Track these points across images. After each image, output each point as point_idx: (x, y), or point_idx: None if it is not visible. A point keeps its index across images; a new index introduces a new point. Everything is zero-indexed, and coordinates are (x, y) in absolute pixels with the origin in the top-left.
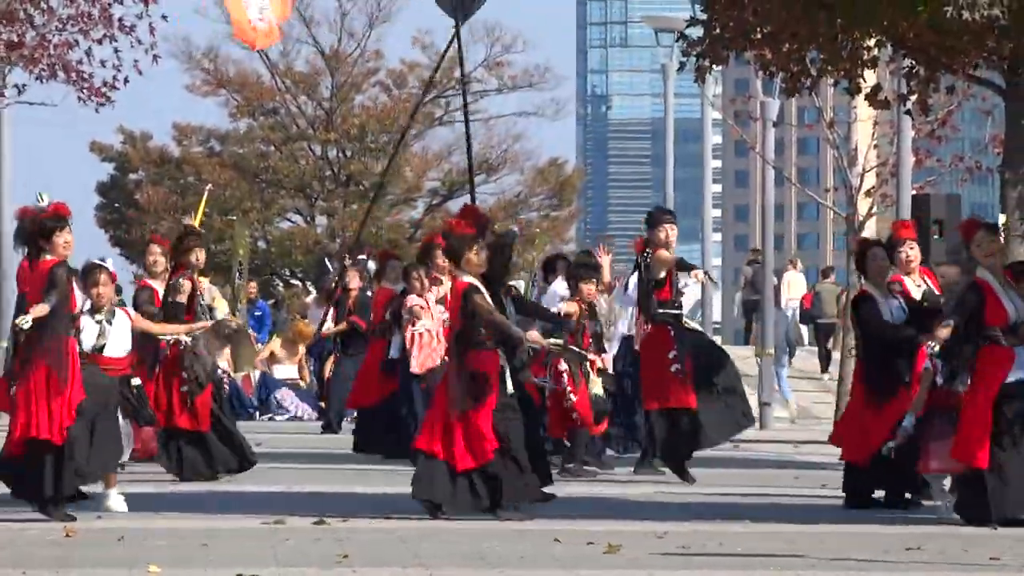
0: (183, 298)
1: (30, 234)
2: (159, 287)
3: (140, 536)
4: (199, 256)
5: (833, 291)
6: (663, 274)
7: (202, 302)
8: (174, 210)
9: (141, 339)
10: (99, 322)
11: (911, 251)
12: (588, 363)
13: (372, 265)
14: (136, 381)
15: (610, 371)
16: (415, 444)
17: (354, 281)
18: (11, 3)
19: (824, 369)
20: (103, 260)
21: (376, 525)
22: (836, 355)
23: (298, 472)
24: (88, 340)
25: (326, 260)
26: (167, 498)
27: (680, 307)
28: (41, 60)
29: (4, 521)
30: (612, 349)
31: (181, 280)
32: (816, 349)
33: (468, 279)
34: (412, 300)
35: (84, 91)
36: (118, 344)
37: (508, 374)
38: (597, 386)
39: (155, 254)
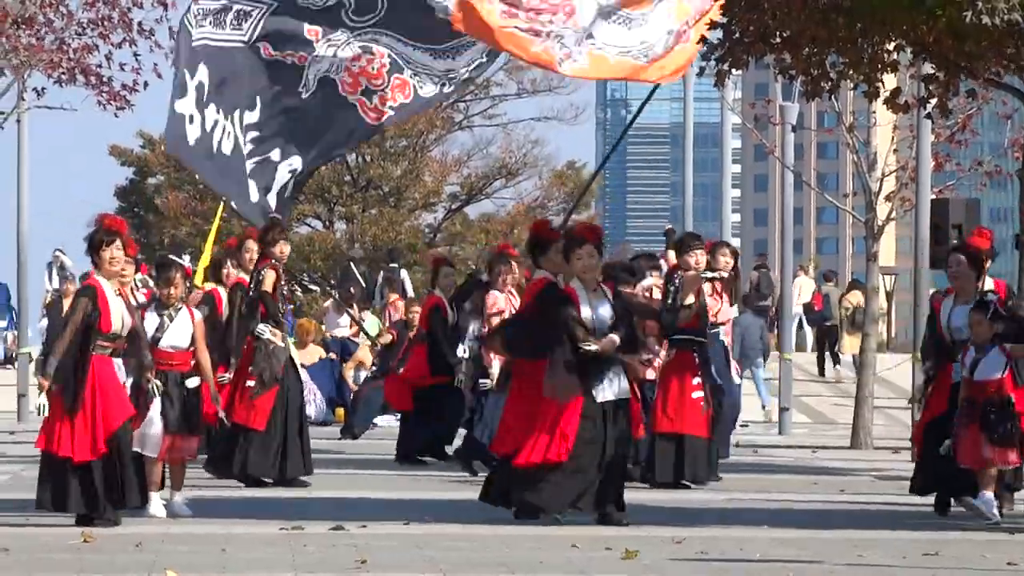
0: (268, 287)
1: (88, 247)
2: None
3: (158, 541)
4: (283, 249)
5: (836, 294)
6: (691, 299)
7: (284, 293)
8: (193, 214)
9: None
10: (161, 316)
11: None
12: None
13: (405, 274)
14: (192, 383)
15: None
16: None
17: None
18: (30, 6)
19: (822, 371)
20: (179, 256)
21: (394, 531)
22: (845, 358)
23: (316, 478)
24: (147, 331)
25: (351, 265)
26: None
27: (704, 335)
28: (60, 64)
29: (23, 526)
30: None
31: (265, 270)
32: (814, 352)
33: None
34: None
35: (103, 95)
36: (173, 340)
37: (601, 384)
38: None
39: (251, 251)
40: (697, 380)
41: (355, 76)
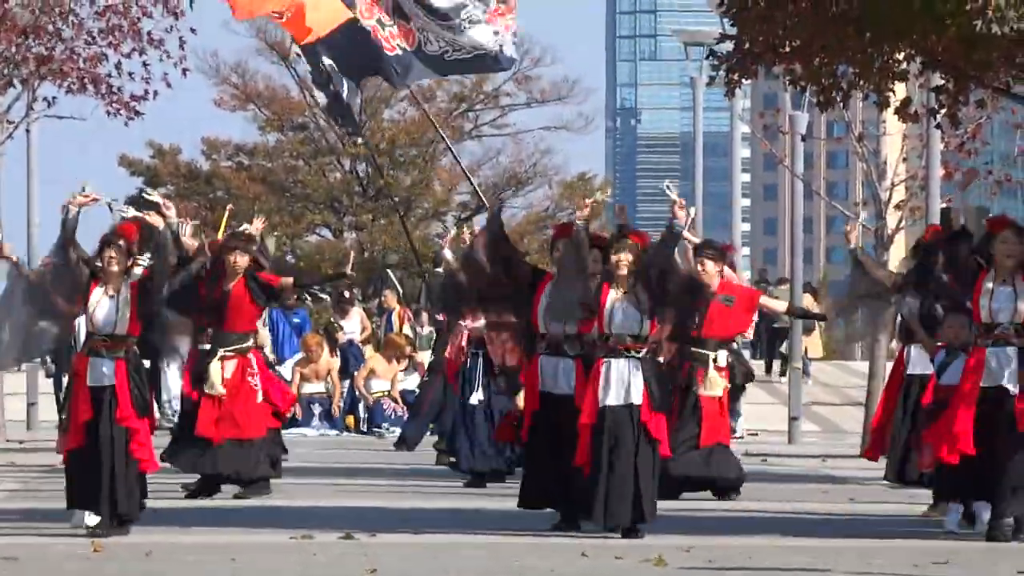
0: None
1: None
2: None
3: (168, 551)
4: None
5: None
6: None
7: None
8: (204, 224)
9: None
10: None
11: None
12: None
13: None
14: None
15: None
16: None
17: None
18: (40, 16)
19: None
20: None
21: (405, 539)
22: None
23: (326, 487)
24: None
25: (389, 272)
26: (195, 512)
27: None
28: (70, 73)
29: (33, 535)
30: None
31: None
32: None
33: None
34: None
35: (113, 105)
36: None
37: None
38: None
39: None
40: None
41: (370, 5)
